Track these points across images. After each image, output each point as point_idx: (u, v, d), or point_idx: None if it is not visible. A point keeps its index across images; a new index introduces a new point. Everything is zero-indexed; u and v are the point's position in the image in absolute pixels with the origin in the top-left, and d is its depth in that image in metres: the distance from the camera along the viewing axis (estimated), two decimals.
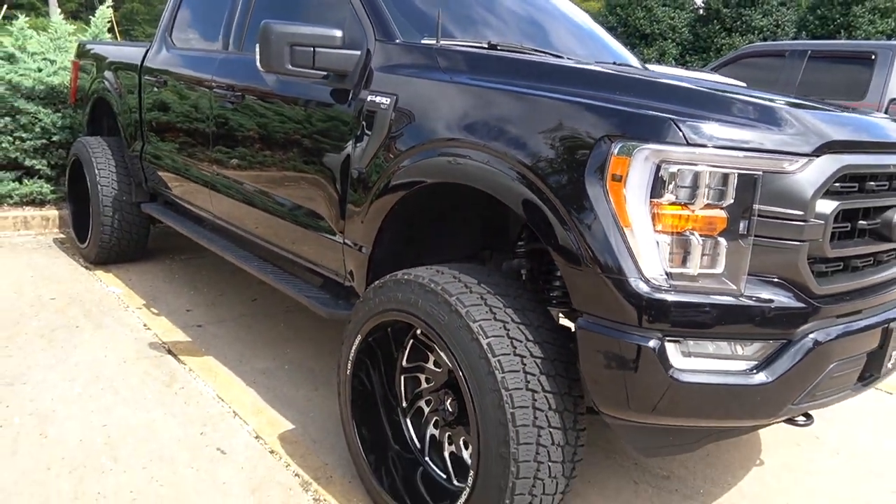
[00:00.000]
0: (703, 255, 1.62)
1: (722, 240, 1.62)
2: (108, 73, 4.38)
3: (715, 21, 22.25)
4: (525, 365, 1.75)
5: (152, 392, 2.82)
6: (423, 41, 2.38)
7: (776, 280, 1.70)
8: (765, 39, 19.73)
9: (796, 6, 21.98)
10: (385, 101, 2.25)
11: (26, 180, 5.26)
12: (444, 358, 1.91)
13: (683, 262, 1.63)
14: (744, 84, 6.16)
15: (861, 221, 1.84)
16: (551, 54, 2.62)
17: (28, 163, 5.24)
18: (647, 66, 5.29)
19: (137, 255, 4.48)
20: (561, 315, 2.26)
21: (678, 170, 1.60)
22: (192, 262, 4.61)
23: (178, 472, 2.30)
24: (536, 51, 2.60)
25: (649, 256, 1.63)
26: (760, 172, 1.61)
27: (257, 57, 2.36)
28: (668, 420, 1.72)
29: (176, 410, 2.69)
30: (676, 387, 1.63)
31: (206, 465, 2.35)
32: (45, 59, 5.58)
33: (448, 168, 2.02)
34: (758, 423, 1.81)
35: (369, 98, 2.31)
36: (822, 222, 1.68)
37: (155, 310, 3.73)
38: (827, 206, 1.69)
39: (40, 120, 5.22)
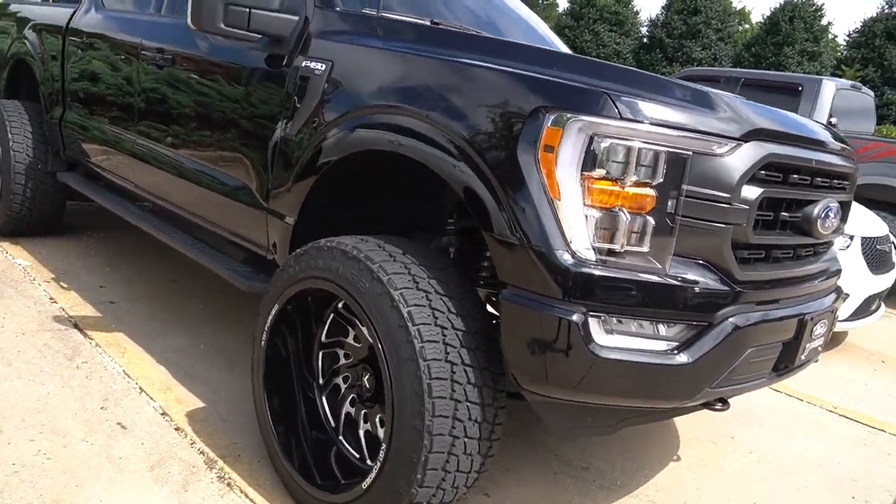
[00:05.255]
0: (630, 232, 1.61)
1: (650, 218, 1.61)
2: (29, 35, 4.13)
3: (658, 50, 23.25)
4: (445, 336, 1.69)
5: (51, 365, 2.63)
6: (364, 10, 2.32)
7: (701, 262, 1.70)
8: None
9: (733, 43, 23.24)
10: (320, 66, 2.17)
11: None
12: (364, 330, 1.83)
13: (611, 238, 1.61)
14: None
15: (783, 213, 1.87)
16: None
17: None
18: None
19: (51, 228, 4.21)
20: (488, 300, 2.21)
21: (611, 144, 1.58)
22: (111, 240, 4.37)
23: (70, 446, 2.13)
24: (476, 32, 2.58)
25: (577, 230, 1.60)
26: (691, 152, 1.61)
27: (188, 14, 2.25)
28: (588, 397, 1.70)
29: (75, 384, 2.51)
30: (597, 363, 1.60)
31: (103, 440, 2.19)
32: None
33: (376, 137, 1.95)
34: (677, 404, 1.80)
35: (304, 64, 2.23)
36: (748, 207, 1.70)
37: (64, 284, 3.50)
38: (752, 192, 1.70)
39: None
